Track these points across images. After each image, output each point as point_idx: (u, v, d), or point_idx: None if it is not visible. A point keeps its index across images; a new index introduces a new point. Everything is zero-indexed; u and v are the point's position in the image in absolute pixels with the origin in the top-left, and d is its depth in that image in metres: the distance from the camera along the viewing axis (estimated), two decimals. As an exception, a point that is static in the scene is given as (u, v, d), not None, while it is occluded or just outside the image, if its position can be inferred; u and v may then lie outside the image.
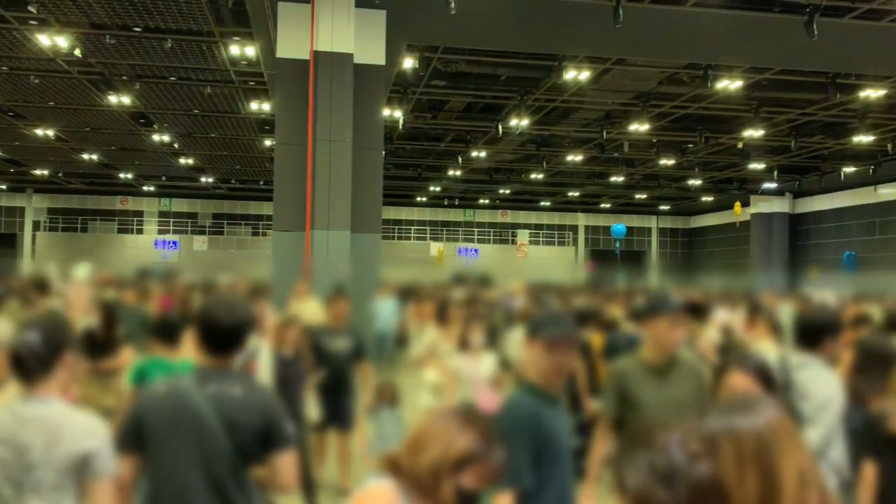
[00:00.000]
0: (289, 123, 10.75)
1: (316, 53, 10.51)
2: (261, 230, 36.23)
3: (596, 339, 6.84)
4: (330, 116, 10.43)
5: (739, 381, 2.56)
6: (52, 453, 2.23)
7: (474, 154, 23.80)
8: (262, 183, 31.23)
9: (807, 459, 1.68)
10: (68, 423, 2.28)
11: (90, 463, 2.25)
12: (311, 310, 7.68)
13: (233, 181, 32.32)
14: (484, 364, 5.43)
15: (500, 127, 18.94)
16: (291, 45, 10.68)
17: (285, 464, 2.55)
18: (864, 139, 20.03)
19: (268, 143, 21.87)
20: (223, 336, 2.60)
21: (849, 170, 25.07)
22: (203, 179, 31.61)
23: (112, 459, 2.31)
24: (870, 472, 2.95)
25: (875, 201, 26.89)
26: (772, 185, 28.79)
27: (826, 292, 11.16)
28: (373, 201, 11.08)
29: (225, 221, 37.20)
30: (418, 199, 36.36)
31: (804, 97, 16.51)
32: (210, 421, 2.47)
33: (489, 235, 39.15)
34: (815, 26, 10.92)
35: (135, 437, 2.51)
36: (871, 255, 26.62)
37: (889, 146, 20.96)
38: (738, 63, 14.08)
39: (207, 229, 36.85)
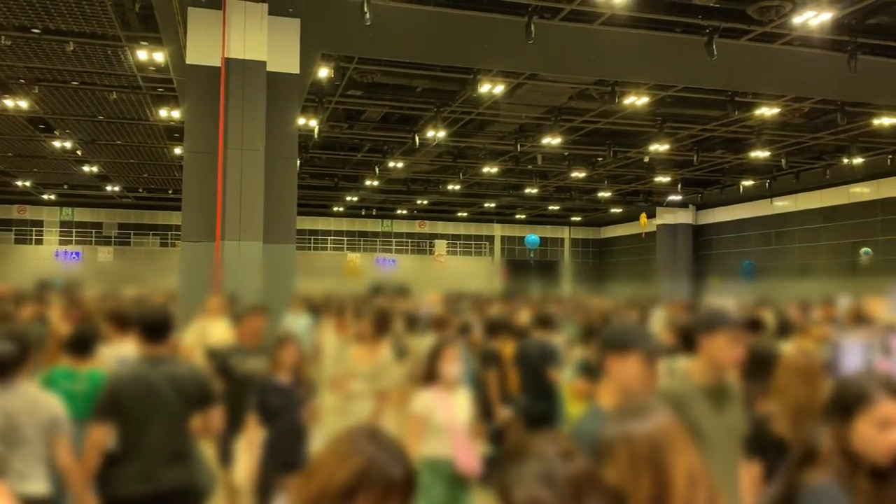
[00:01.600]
0: (199, 131, 10.47)
1: (228, 60, 10.30)
2: (170, 241, 35.05)
3: (507, 347, 6.96)
4: (242, 125, 10.23)
5: (891, 412, 2.11)
6: (35, 417, 3.33)
7: (391, 164, 23.82)
8: (171, 192, 30.24)
9: (696, 460, 1.78)
10: (42, 397, 3.44)
11: (58, 425, 3.39)
12: (219, 329, 7.02)
13: (140, 190, 31.16)
14: (460, 404, 4.22)
15: (416, 138, 19.04)
16: (202, 51, 10.43)
17: (215, 415, 3.71)
18: (760, 154, 21.19)
19: (177, 151, 21.22)
20: (160, 326, 3.65)
21: (747, 183, 26.46)
22: (108, 188, 30.34)
23: (68, 424, 3.44)
24: (755, 471, 3.10)
25: (771, 213, 28.44)
26: (676, 198, 30.05)
27: (728, 299, 11.73)
28: (287, 211, 10.91)
29: (132, 232, 35.80)
30: (335, 209, 36.04)
31: (705, 114, 17.33)
32: (166, 390, 3.53)
33: (407, 246, 39.18)
34: (714, 47, 11.51)
35: (112, 407, 3.51)
36: (767, 263, 28.13)
37: (783, 161, 22.26)
38: (644, 80, 14.66)
39: (113, 240, 35.37)
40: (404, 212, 37.40)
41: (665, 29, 11.82)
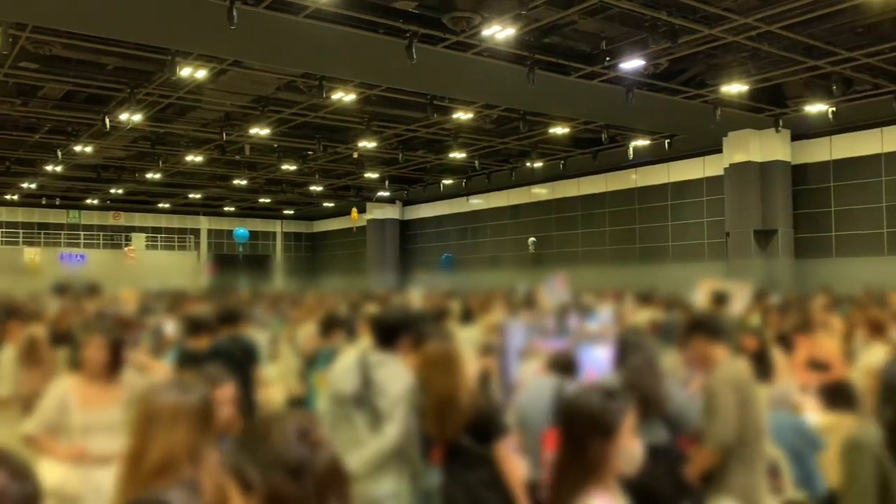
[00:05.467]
0: None
1: None
2: None
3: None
4: None
5: None
6: None
7: (78, 148, 21.40)
8: None
9: (187, 437, 2.15)
10: None
11: None
12: None
13: None
14: None
15: (107, 120, 17.30)
16: None
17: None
18: (457, 156, 22.85)
19: None
20: None
21: (447, 182, 28.41)
22: None
23: None
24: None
25: (467, 210, 30.85)
26: (385, 194, 31.24)
27: (418, 290, 12.46)
28: (-65, 198, 9.24)
29: None
30: (8, 196, 31.51)
31: (408, 115, 18.20)
32: None
33: (99, 239, 35.57)
34: (413, 51, 12.09)
35: None
36: (464, 256, 30.49)
37: (476, 163, 24.27)
38: (349, 77, 14.94)
39: None
40: (95, 202, 33.88)
41: (369, 29, 12.13)
